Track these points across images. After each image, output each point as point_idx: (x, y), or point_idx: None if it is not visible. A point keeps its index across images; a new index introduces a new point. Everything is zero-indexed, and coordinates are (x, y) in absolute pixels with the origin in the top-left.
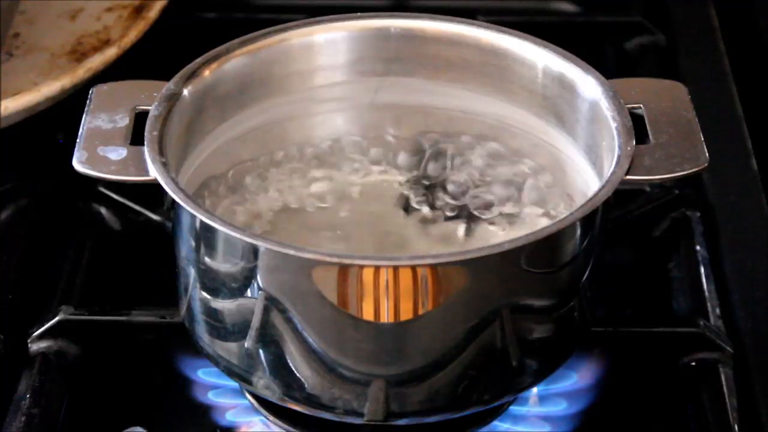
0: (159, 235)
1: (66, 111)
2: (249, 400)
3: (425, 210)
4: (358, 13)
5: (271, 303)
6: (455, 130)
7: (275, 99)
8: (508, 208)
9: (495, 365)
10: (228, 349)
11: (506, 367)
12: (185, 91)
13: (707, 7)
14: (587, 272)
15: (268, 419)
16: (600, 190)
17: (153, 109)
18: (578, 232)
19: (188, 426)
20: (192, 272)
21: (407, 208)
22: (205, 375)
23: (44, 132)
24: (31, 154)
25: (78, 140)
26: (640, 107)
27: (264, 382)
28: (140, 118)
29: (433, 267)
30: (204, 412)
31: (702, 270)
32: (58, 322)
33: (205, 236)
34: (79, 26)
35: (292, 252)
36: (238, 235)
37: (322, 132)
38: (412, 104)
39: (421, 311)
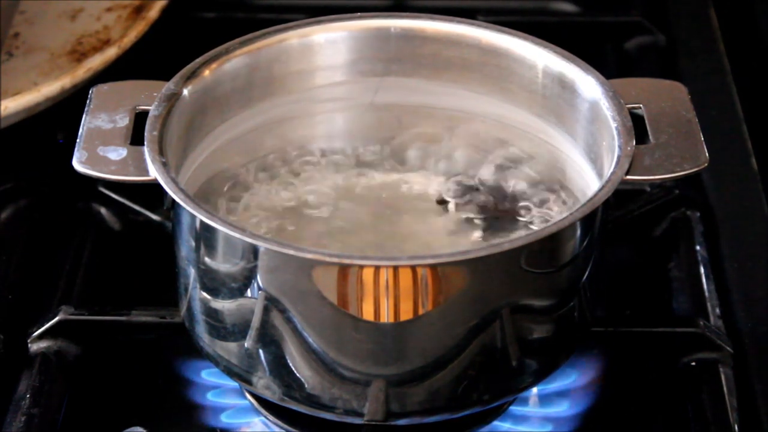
0: (159, 235)
1: (66, 111)
2: (249, 400)
3: (425, 209)
4: (358, 13)
5: (271, 303)
6: (455, 130)
7: (275, 99)
8: (508, 208)
9: (495, 365)
10: (228, 349)
11: (506, 367)
12: (185, 91)
13: (707, 7)
14: (587, 272)
15: (268, 419)
16: (600, 190)
17: (153, 109)
18: (578, 232)
19: (188, 426)
20: (192, 272)
21: (408, 207)
22: (205, 375)
23: (44, 132)
24: (31, 154)
25: (78, 140)
26: (640, 107)
27: (264, 382)
28: (140, 118)
29: (433, 267)
30: (204, 412)
31: (702, 270)
32: (58, 322)
33: (205, 236)
34: (79, 26)
35: (292, 252)
36: (238, 235)
37: (322, 132)
38: (412, 104)
39: (421, 311)
